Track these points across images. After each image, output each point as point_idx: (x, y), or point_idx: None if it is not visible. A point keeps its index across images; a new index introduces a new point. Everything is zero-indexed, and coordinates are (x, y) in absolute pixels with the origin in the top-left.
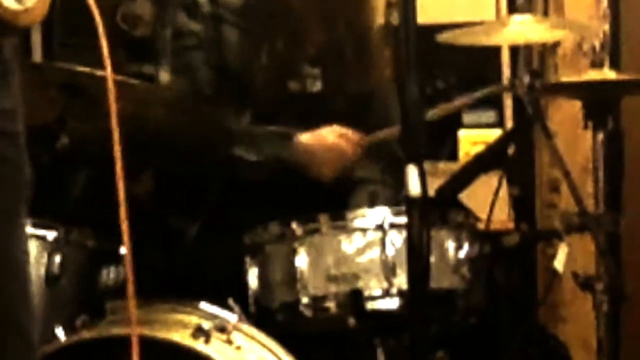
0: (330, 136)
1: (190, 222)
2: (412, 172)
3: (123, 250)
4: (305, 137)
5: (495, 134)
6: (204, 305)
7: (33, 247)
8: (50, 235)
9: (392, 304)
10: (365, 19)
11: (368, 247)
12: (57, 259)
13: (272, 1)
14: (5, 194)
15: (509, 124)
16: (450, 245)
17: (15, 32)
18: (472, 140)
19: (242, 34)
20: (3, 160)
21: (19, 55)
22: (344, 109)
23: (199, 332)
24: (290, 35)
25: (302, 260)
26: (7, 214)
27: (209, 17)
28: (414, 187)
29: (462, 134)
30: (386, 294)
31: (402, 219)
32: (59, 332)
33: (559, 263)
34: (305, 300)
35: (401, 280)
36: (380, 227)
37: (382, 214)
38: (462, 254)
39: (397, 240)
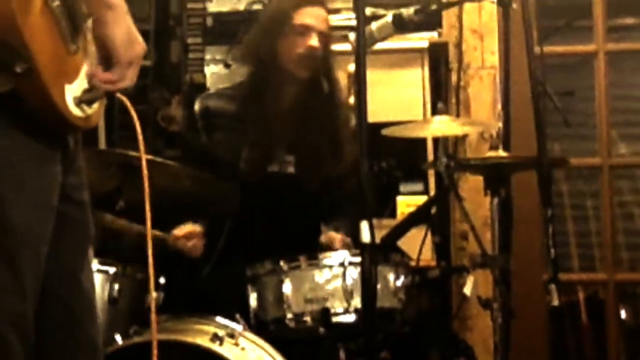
0: (180, 234)
1: (208, 261)
2: (364, 226)
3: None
4: (175, 232)
5: (422, 199)
6: (218, 318)
7: (99, 278)
8: (112, 270)
9: (350, 318)
10: (337, 120)
11: (333, 278)
12: (116, 286)
13: (253, 109)
14: (73, 243)
15: (432, 191)
16: (391, 276)
17: (78, 130)
18: (406, 204)
19: (230, 133)
20: (75, 222)
21: (90, 145)
22: (317, 187)
23: (215, 337)
24: (266, 134)
25: (287, 287)
26: (77, 257)
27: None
28: (365, 236)
29: (400, 199)
30: (346, 311)
31: (357, 259)
32: (117, 338)
33: (467, 289)
34: (289, 315)
35: (357, 302)
36: (342, 264)
37: (343, 255)
38: (399, 283)
39: (353, 273)
